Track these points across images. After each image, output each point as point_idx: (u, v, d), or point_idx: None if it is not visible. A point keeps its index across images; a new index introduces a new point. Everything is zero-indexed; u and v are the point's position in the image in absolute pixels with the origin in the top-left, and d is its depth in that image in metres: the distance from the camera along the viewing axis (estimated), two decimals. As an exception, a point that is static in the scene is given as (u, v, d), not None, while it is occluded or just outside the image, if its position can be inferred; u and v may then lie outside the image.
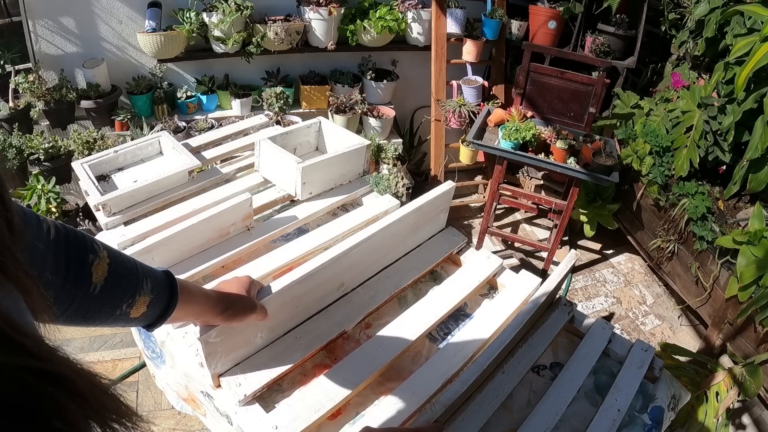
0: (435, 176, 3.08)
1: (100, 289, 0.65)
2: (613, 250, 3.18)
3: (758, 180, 2.10)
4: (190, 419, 1.94)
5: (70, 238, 0.63)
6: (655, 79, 3.00)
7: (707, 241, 2.27)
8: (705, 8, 2.42)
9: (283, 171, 1.48)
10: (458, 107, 2.94)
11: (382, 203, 1.52)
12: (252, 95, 2.82)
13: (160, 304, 0.75)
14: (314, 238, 1.37)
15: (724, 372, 1.77)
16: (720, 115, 2.26)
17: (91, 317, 0.67)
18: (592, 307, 2.77)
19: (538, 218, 3.37)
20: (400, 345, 1.11)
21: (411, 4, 2.88)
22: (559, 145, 2.37)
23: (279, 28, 2.61)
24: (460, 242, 1.41)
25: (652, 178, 2.54)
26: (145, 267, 0.74)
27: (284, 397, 1.03)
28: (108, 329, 2.29)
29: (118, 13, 2.59)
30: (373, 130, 2.98)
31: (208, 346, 0.93)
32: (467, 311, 1.29)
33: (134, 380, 2.11)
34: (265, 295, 0.96)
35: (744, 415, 2.21)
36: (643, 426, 1.05)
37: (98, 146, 2.37)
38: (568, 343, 1.22)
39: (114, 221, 1.38)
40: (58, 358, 0.33)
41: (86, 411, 0.33)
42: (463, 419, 0.97)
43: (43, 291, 0.41)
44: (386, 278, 1.27)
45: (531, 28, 3.04)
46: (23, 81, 2.40)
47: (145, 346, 1.31)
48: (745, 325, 2.11)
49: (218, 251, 1.30)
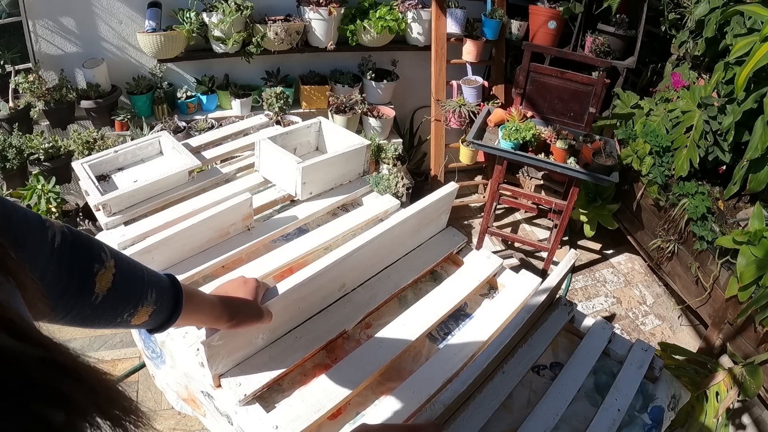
0: (435, 176, 3.08)
1: (102, 298, 0.64)
2: (613, 250, 3.18)
3: (758, 180, 2.10)
4: (190, 419, 1.94)
5: (76, 245, 0.61)
6: (655, 79, 3.00)
7: (707, 241, 2.27)
8: (705, 8, 2.42)
9: (283, 171, 1.48)
10: (458, 107, 2.94)
11: (382, 203, 1.52)
12: (252, 95, 2.82)
13: (162, 314, 0.74)
14: (314, 238, 1.37)
15: (724, 372, 1.77)
16: (720, 115, 2.26)
17: (90, 323, 0.66)
18: (592, 307, 2.77)
19: (538, 218, 3.37)
20: (400, 345, 1.11)
21: (411, 4, 2.88)
22: (559, 145, 2.37)
23: (279, 28, 2.61)
24: (460, 242, 1.41)
25: (652, 178, 2.54)
26: (151, 275, 0.72)
27: (284, 397, 1.03)
28: (108, 330, 2.29)
29: (118, 13, 2.59)
30: (373, 130, 2.98)
31: (211, 349, 0.93)
32: (467, 311, 1.29)
33: (134, 380, 2.11)
34: (270, 297, 0.96)
35: (744, 415, 2.21)
36: (643, 426, 1.05)
37: (98, 146, 2.37)
38: (568, 343, 1.22)
39: (114, 221, 1.38)
40: (66, 349, 0.33)
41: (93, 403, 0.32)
42: (463, 419, 0.97)
43: (39, 285, 0.40)
44: (386, 278, 1.27)
45: (531, 28, 3.04)
46: (23, 81, 2.40)
47: (145, 346, 1.31)
48: (745, 325, 2.11)
49: (218, 251, 1.30)
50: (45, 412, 0.28)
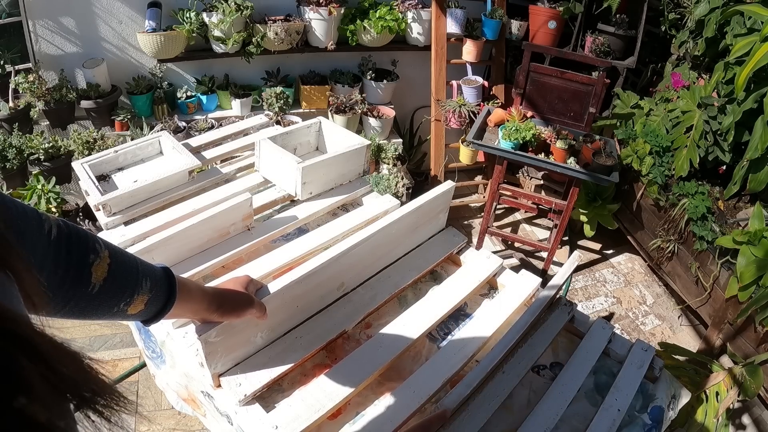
0: (435, 176, 3.08)
1: (98, 288, 0.65)
2: (613, 250, 3.18)
3: (758, 180, 2.10)
4: (190, 419, 1.94)
5: (72, 237, 0.63)
6: (655, 79, 3.00)
7: (707, 241, 2.27)
8: (705, 8, 2.42)
9: (283, 171, 1.48)
10: (458, 107, 2.94)
11: (382, 203, 1.51)
12: (252, 95, 2.82)
13: (157, 302, 0.75)
14: (314, 238, 1.37)
15: (724, 372, 1.77)
16: (720, 115, 2.26)
17: (87, 314, 0.67)
18: (592, 307, 2.77)
19: (538, 218, 3.37)
20: (400, 345, 1.11)
21: (411, 4, 2.88)
22: (559, 145, 2.37)
23: (279, 28, 2.61)
24: (460, 242, 1.40)
25: (652, 178, 2.54)
26: (145, 265, 0.74)
27: (284, 396, 1.03)
28: (108, 329, 2.29)
29: (118, 13, 2.59)
30: (373, 130, 2.98)
31: (208, 345, 0.93)
32: (467, 311, 1.29)
33: (134, 380, 2.11)
34: (264, 294, 0.96)
35: (744, 415, 2.22)
36: (643, 426, 1.05)
37: (98, 146, 2.37)
38: (568, 343, 1.22)
39: (114, 221, 1.38)
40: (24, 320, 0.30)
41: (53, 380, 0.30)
42: (463, 419, 0.97)
43: (37, 278, 0.40)
44: (386, 278, 1.27)
45: (531, 28, 3.04)
46: (23, 81, 2.40)
47: (145, 346, 1.31)
48: (745, 325, 2.11)
49: (218, 251, 1.30)
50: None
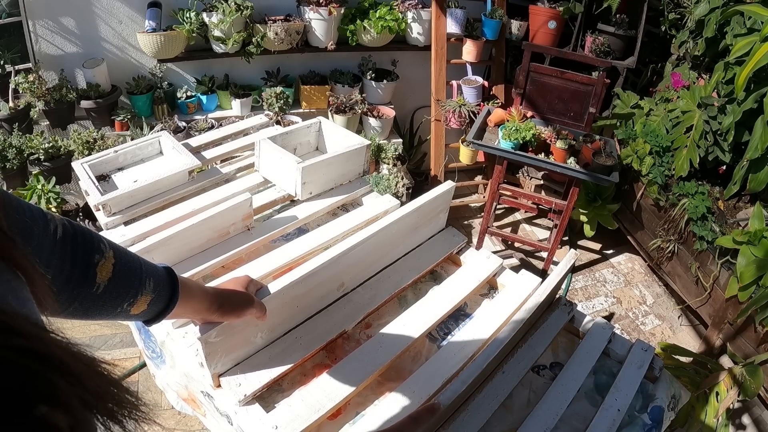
0: (435, 176, 3.08)
1: (103, 288, 0.65)
2: (613, 250, 3.18)
3: (758, 180, 2.10)
4: (190, 419, 1.94)
5: (77, 237, 0.63)
6: (655, 79, 3.00)
7: (707, 241, 2.27)
8: (705, 8, 2.42)
9: (283, 171, 1.48)
10: (458, 107, 2.94)
11: (382, 203, 1.51)
12: (252, 95, 2.82)
13: (160, 302, 0.76)
14: (314, 238, 1.37)
15: (724, 372, 1.77)
16: (720, 115, 2.26)
17: (91, 314, 0.67)
18: (592, 307, 2.77)
19: (538, 218, 3.37)
20: (400, 345, 1.11)
21: (411, 4, 2.88)
22: (559, 145, 2.37)
23: (279, 28, 2.61)
24: (460, 242, 1.40)
25: (652, 178, 2.54)
26: (148, 265, 0.74)
27: (284, 397, 1.03)
28: (108, 329, 2.29)
29: (118, 13, 2.59)
30: (373, 130, 2.98)
31: (208, 345, 0.93)
32: (467, 311, 1.29)
33: (134, 380, 2.11)
34: (264, 295, 0.96)
35: (744, 415, 2.22)
36: (643, 426, 1.05)
37: (98, 146, 2.37)
38: (568, 343, 1.22)
39: (114, 221, 1.38)
40: (50, 338, 0.31)
41: (81, 393, 0.30)
42: (463, 419, 0.97)
43: (47, 280, 0.40)
44: (386, 278, 1.27)
45: (531, 28, 3.04)
46: (23, 81, 2.40)
47: (145, 346, 1.31)
48: (745, 325, 2.11)
49: (218, 251, 1.30)
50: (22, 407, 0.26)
